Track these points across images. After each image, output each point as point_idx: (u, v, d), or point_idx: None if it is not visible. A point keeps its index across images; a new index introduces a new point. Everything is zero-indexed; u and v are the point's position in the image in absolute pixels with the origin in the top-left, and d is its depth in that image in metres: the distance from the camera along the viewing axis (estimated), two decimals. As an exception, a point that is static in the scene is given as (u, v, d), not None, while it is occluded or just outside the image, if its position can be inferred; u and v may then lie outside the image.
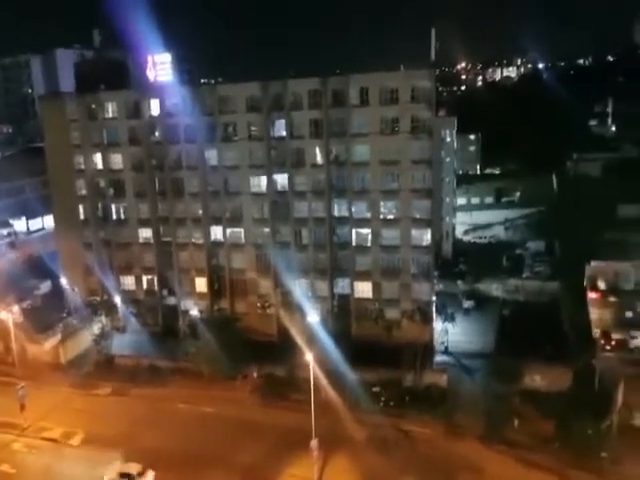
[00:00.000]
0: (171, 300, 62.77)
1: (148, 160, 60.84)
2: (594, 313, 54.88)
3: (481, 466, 39.20)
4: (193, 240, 61.25)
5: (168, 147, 59.75)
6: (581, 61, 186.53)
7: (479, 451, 40.85)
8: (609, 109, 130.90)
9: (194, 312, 59.75)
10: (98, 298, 63.67)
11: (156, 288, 63.17)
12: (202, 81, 74.06)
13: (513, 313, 60.70)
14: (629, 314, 56.97)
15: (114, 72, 65.59)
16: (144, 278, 63.77)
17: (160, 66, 65.32)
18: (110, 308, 61.66)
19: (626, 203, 69.97)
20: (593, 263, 62.53)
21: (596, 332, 51.25)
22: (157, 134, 60.87)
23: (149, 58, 65.08)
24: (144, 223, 62.49)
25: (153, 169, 61.01)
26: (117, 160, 62.12)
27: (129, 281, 64.25)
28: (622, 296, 59.49)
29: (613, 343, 49.44)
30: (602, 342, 49.46)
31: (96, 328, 57.53)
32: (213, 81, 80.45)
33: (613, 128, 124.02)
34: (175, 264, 61.86)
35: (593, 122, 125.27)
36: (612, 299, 59.46)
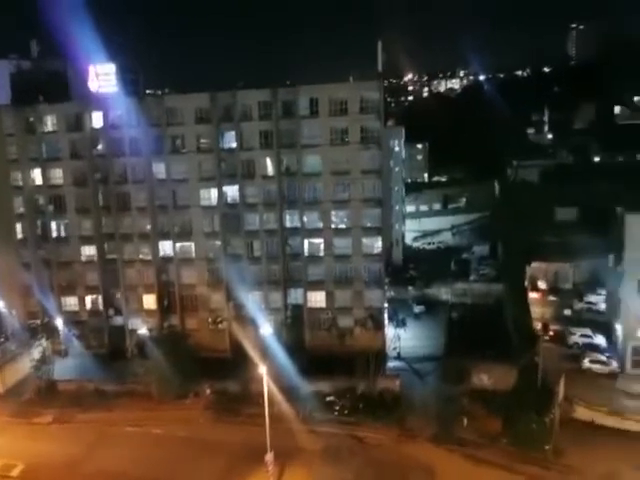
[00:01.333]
0: (118, 320, 60.35)
1: (91, 174, 58.52)
2: (535, 312, 57.09)
3: (432, 466, 39.79)
4: (141, 256, 59.21)
5: (113, 160, 57.82)
6: (519, 72, 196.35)
7: (431, 452, 41.51)
8: (545, 118, 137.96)
9: (142, 331, 57.79)
10: (38, 321, 60.19)
11: (101, 308, 60.57)
12: (148, 92, 72.02)
13: (461, 316, 62.25)
14: (567, 312, 59.90)
15: (53, 83, 62.82)
16: (88, 298, 61.04)
17: (103, 77, 63.36)
18: (51, 331, 58.33)
19: (563, 207, 73.67)
20: (533, 264, 65.38)
21: (538, 330, 53.25)
22: (100, 147, 58.75)
23: (91, 68, 63.03)
24: (87, 240, 59.94)
25: (97, 183, 58.73)
26: (57, 175, 59.32)
27: (72, 302, 61.25)
28: (561, 295, 62.56)
29: (551, 334, 51.25)
30: (541, 333, 51.38)
31: (36, 352, 54.01)
32: (160, 92, 78.47)
33: (549, 136, 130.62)
34: (122, 282, 59.58)
35: (530, 130, 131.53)
36: (552, 298, 62.39)
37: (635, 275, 47.47)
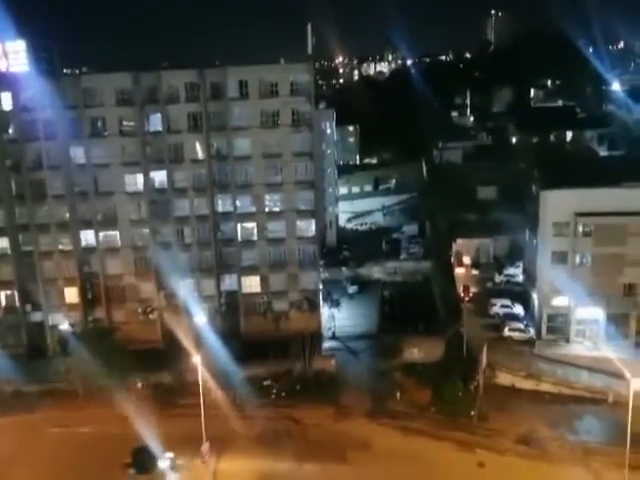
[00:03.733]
0: (36, 316, 55.50)
1: (1, 160, 52.97)
2: (461, 287, 59.07)
3: (368, 441, 40.62)
4: (60, 247, 54.57)
5: (25, 145, 52.72)
6: (443, 57, 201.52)
7: (366, 427, 42.40)
8: (467, 101, 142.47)
9: (64, 326, 53.62)
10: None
11: (17, 304, 55.37)
12: (65, 71, 65.97)
13: (392, 294, 63.41)
14: (489, 284, 62.62)
15: (-47, 61, 55.86)
16: (2, 293, 55.59)
17: (13, 55, 57.05)
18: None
19: (483, 186, 76.54)
20: (458, 241, 67.71)
21: (460, 294, 54.85)
22: (11, 131, 53.39)
23: (-2, 46, 56.54)
24: (-1, 232, 54.54)
25: (8, 171, 53.34)
26: (-39, 162, 53.43)
27: (-18, 299, 55.95)
28: (482, 269, 65.31)
29: (471, 295, 53.57)
30: (462, 295, 53.14)
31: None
32: (78, 71, 72.28)
33: (471, 119, 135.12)
34: (39, 275, 54.68)
35: (454, 113, 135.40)
36: (475, 272, 64.99)
37: (549, 248, 49.96)
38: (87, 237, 54.46)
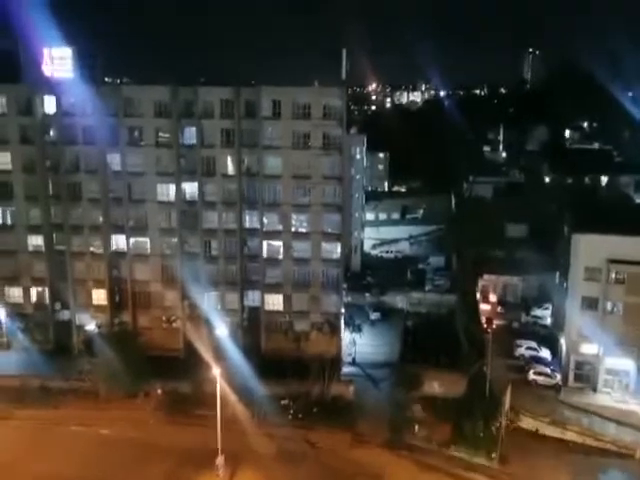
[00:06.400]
0: (64, 314, 58.90)
1: (41, 161, 57.12)
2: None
3: (381, 471, 41.61)
4: (91, 249, 58.22)
5: (65, 148, 56.70)
6: (477, 91, 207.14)
7: (381, 457, 43.34)
8: (500, 137, 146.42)
9: (90, 327, 56.79)
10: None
11: (47, 301, 58.93)
12: (106, 80, 70.73)
13: (415, 324, 65.09)
14: (515, 324, 63.95)
15: (3, 63, 60.81)
16: (33, 290, 59.26)
17: (59, 61, 61.68)
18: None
19: (514, 223, 78.68)
20: (485, 277, 69.46)
21: (487, 339, 56.27)
22: (52, 134, 57.48)
23: (46, 51, 61.43)
24: (34, 229, 58.26)
25: (47, 171, 57.39)
26: (5, 160, 57.33)
27: (16, 293, 59.31)
28: (509, 308, 66.68)
29: (494, 328, 54.13)
30: (485, 326, 54.14)
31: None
32: (119, 81, 77.29)
33: (504, 154, 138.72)
34: (70, 275, 58.22)
35: (486, 148, 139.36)
36: (500, 310, 66.40)
37: (579, 292, 50.66)
38: (118, 242, 58.00)
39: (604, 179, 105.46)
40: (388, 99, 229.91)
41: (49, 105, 56.82)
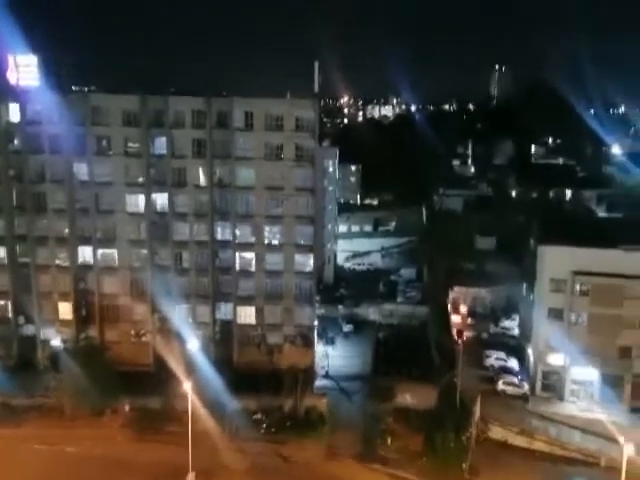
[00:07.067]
0: (29, 328, 57.68)
1: (5, 170, 56.21)
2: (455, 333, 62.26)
3: (352, 484, 41.82)
4: (57, 261, 57.44)
5: (29, 157, 56.06)
6: (447, 107, 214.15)
7: (353, 470, 44.07)
8: (469, 151, 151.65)
9: (56, 342, 55.80)
10: None
11: (10, 315, 57.58)
12: (74, 88, 70.23)
13: (388, 336, 66.51)
14: (484, 335, 66.00)
15: (-36, 70, 59.79)
16: (-5, 303, 58.14)
17: (24, 68, 61.09)
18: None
19: (482, 236, 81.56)
20: (455, 289, 71.60)
21: (457, 350, 57.94)
22: (16, 142, 56.79)
23: (10, 58, 60.76)
24: (-3, 240, 57.27)
25: (10, 180, 56.47)
26: (-35, 169, 56.44)
27: (-24, 306, 57.99)
28: (478, 319, 68.84)
29: (464, 339, 55.39)
30: (456, 337, 55.55)
31: None
32: (86, 89, 76.72)
33: (472, 168, 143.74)
34: (34, 288, 57.18)
35: (456, 162, 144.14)
36: (470, 321, 68.46)
37: (545, 303, 52.44)
38: (85, 253, 57.36)
39: (568, 193, 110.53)
40: (360, 112, 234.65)
41: (14, 113, 56.11)
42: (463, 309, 70.28)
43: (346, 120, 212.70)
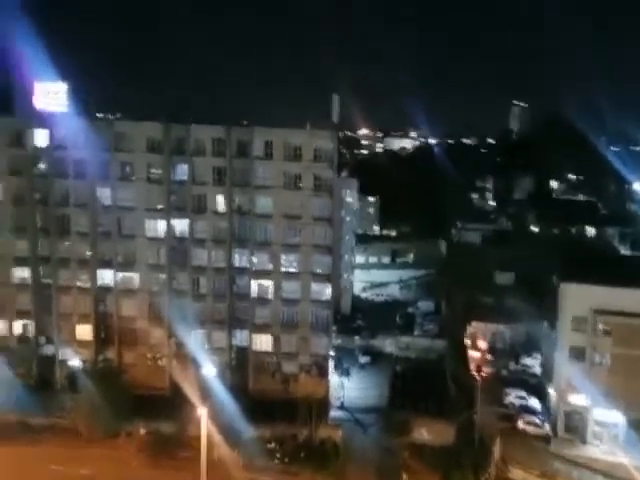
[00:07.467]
0: (49, 348, 58.80)
1: (30, 193, 58.38)
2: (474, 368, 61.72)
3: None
4: (78, 283, 58.85)
5: (54, 181, 58.12)
6: (466, 140, 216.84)
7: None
8: (489, 185, 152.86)
9: (74, 362, 56.67)
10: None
11: (32, 334, 58.90)
12: (99, 115, 73.41)
13: (404, 369, 66.10)
14: (504, 372, 65.22)
15: (-5, 96, 63.08)
16: (18, 323, 59.19)
17: (53, 95, 64.40)
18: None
19: (502, 271, 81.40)
20: (474, 324, 71.22)
21: (476, 386, 57.36)
22: (43, 166, 59.04)
23: (39, 85, 64.07)
24: (21, 262, 58.84)
25: (35, 203, 58.58)
26: (-6, 190, 58.64)
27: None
28: (498, 355, 68.13)
29: (483, 375, 54.54)
30: (475, 373, 54.89)
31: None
32: (111, 116, 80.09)
33: (492, 202, 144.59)
34: (55, 309, 58.54)
35: (475, 195, 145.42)
36: (489, 357, 67.81)
37: (567, 342, 51.70)
38: (105, 276, 58.78)
39: (589, 230, 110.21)
40: (379, 144, 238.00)
41: (41, 138, 58.42)
42: (482, 344, 69.83)
43: (365, 151, 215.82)
